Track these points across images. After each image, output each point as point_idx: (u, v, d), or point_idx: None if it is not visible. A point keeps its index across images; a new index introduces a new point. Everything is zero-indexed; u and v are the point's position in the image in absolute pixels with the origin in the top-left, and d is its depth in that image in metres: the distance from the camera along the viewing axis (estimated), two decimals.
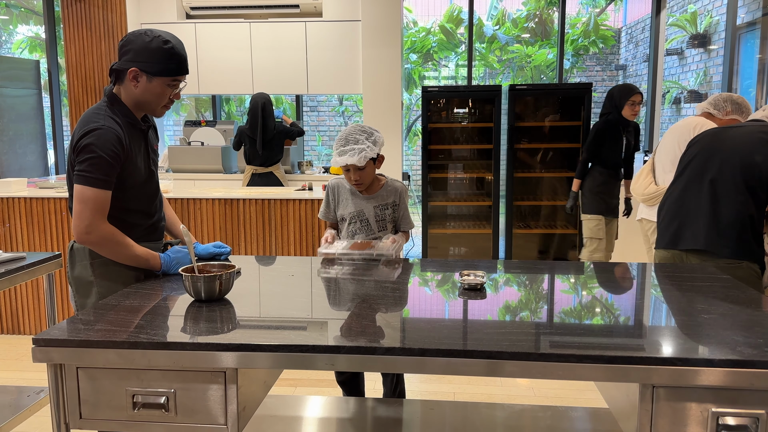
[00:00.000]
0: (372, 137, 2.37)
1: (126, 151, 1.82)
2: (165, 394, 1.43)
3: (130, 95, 1.86)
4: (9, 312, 3.96)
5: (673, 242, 2.48)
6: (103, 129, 1.77)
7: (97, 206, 1.77)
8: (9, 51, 9.57)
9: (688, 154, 2.57)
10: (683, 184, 2.53)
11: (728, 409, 1.30)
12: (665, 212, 2.59)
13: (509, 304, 1.73)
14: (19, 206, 3.81)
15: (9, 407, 2.47)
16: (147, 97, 1.86)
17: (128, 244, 1.85)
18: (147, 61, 1.80)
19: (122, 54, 1.84)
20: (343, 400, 2.24)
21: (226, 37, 5.39)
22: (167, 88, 1.86)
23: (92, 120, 1.79)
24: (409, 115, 9.41)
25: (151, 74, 1.82)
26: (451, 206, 5.58)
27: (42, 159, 5.92)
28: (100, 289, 1.88)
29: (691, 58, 7.81)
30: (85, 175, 1.75)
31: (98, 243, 1.81)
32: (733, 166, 2.35)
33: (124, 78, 1.84)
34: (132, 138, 1.86)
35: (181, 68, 1.87)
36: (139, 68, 1.81)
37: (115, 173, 1.80)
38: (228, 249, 2.13)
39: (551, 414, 2.10)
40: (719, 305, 1.65)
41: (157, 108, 1.91)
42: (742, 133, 2.44)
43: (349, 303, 1.74)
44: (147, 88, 1.84)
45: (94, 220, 1.77)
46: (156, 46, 1.80)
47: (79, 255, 1.90)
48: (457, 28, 9.36)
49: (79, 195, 1.76)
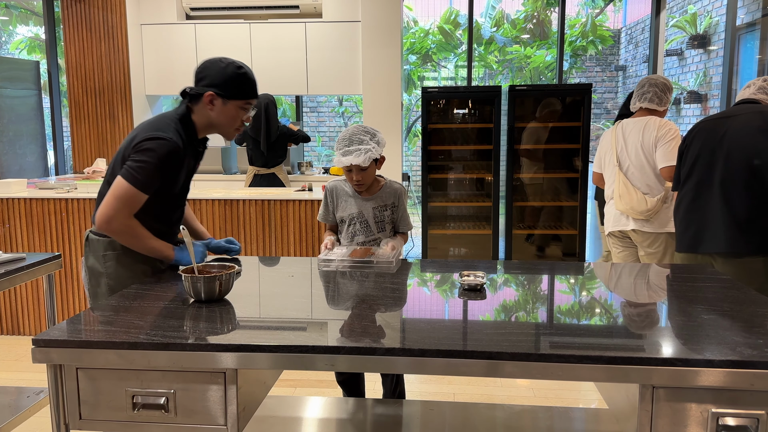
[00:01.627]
0: (375, 138, 2.37)
1: (175, 167, 1.94)
2: (165, 394, 1.43)
3: (205, 117, 1.99)
4: (9, 313, 3.95)
5: (692, 246, 2.49)
6: (167, 141, 1.88)
7: (129, 203, 1.87)
8: (8, 52, 9.57)
9: (690, 153, 2.56)
10: (693, 187, 2.52)
11: (728, 410, 1.30)
12: (681, 219, 2.59)
13: (509, 305, 1.73)
14: (18, 207, 3.81)
15: (8, 408, 2.47)
16: (221, 119, 1.99)
17: (145, 236, 1.94)
18: (223, 85, 1.93)
19: (198, 79, 1.97)
20: (342, 401, 2.24)
21: (226, 38, 5.39)
22: (240, 111, 2.00)
23: (162, 128, 1.91)
24: (408, 116, 9.42)
25: (226, 98, 1.95)
26: (451, 207, 5.58)
27: (42, 160, 5.92)
28: (109, 281, 1.97)
29: (690, 58, 7.81)
30: (132, 173, 1.86)
31: (116, 233, 1.91)
32: (738, 164, 2.35)
33: (200, 101, 1.96)
34: (186, 156, 1.99)
35: (253, 92, 2.01)
36: (215, 92, 1.93)
37: (158, 183, 1.91)
38: (238, 245, 2.26)
39: (551, 414, 2.10)
40: (719, 305, 1.65)
41: (230, 130, 2.04)
42: (740, 124, 2.43)
43: (349, 303, 1.74)
44: (222, 111, 1.97)
45: (119, 214, 1.87)
46: (231, 72, 1.94)
47: (93, 246, 1.99)
48: (455, 30, 9.36)
49: (118, 187, 1.87)
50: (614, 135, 3.22)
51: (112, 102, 5.39)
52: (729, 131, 2.47)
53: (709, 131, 2.53)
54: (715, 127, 2.54)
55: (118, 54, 5.33)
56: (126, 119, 5.40)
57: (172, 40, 5.44)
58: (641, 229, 3.11)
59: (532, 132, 5.13)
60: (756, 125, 2.40)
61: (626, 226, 3.18)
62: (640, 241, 3.16)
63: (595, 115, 9.46)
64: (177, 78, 5.48)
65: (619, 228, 3.22)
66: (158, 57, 5.48)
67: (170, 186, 1.97)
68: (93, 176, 4.79)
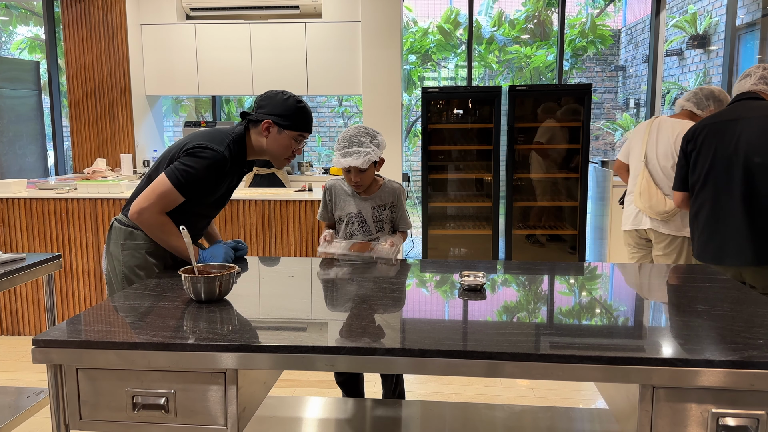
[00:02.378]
0: (375, 140, 2.37)
1: (217, 180, 2.03)
2: (165, 395, 1.43)
3: (258, 142, 2.08)
4: (9, 313, 3.95)
5: (718, 258, 2.45)
6: (218, 154, 1.97)
7: (165, 200, 1.96)
8: (8, 52, 9.57)
9: (702, 159, 2.52)
10: (712, 197, 2.48)
11: (728, 410, 1.30)
12: (702, 228, 2.55)
13: (509, 305, 1.73)
14: (18, 207, 3.81)
15: (9, 408, 2.47)
16: (274, 147, 2.07)
17: (173, 234, 2.01)
18: (281, 115, 2.04)
19: (259, 107, 2.07)
20: (342, 401, 2.24)
21: (226, 38, 5.39)
22: (293, 141, 2.09)
23: (217, 140, 2.01)
24: (408, 116, 9.41)
25: (282, 127, 2.04)
26: (451, 207, 5.58)
27: (42, 160, 5.92)
28: (124, 269, 2.05)
29: (690, 58, 7.81)
30: (176, 174, 1.95)
31: (145, 224, 1.98)
32: (761, 174, 2.32)
33: (258, 126, 2.06)
34: (230, 172, 2.07)
35: (308, 126, 2.11)
36: (272, 121, 2.03)
37: (197, 190, 1.99)
38: (245, 247, 2.32)
39: (551, 415, 2.10)
40: (719, 305, 1.65)
41: (281, 158, 2.12)
42: (755, 129, 2.39)
43: (348, 304, 1.74)
44: (276, 139, 2.06)
45: (153, 208, 1.95)
46: (291, 104, 2.05)
47: (115, 234, 2.08)
48: (455, 30, 9.36)
49: (159, 184, 1.96)
50: (648, 129, 3.14)
51: (112, 102, 5.39)
52: (743, 136, 2.42)
53: (720, 135, 2.48)
54: (725, 130, 2.48)
55: (118, 54, 5.33)
56: (126, 119, 5.41)
57: (172, 40, 5.44)
58: (657, 229, 3.06)
59: (544, 131, 5.12)
60: (766, 122, 2.37)
61: (643, 224, 3.13)
62: (655, 241, 3.12)
63: (595, 115, 9.45)
64: (177, 78, 5.48)
65: (636, 227, 3.17)
66: (158, 57, 5.48)
67: (206, 197, 2.06)
68: (93, 176, 4.79)
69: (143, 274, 2.04)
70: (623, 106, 9.53)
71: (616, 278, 2.07)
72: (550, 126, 5.16)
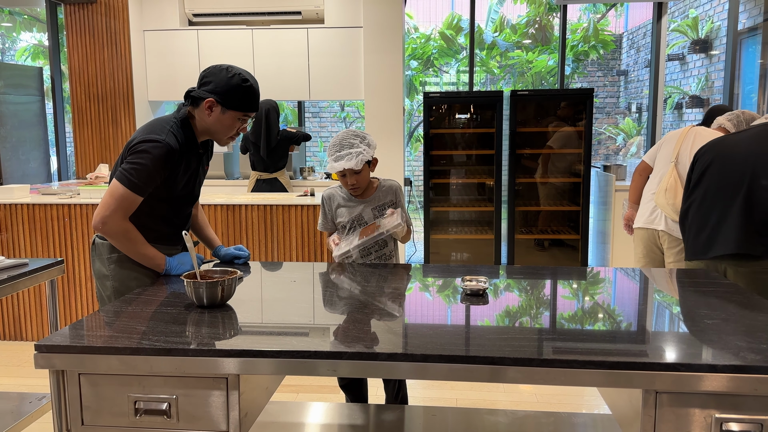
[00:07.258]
0: (365, 140, 2.37)
1: (172, 169, 1.95)
2: (167, 400, 1.43)
3: (202, 121, 2.00)
4: (11, 318, 3.96)
5: (703, 252, 2.46)
6: (161, 144, 1.89)
7: (124, 205, 1.89)
8: (12, 58, 9.61)
9: (701, 164, 2.56)
10: (703, 194, 2.50)
11: (732, 415, 1.30)
12: (690, 224, 2.56)
13: (511, 310, 1.72)
14: (21, 213, 3.82)
15: (11, 414, 2.47)
16: (217, 126, 2.00)
17: (138, 242, 1.96)
18: (224, 94, 1.94)
19: (202, 84, 1.98)
20: (345, 407, 2.24)
21: (229, 44, 5.41)
22: (237, 121, 2.01)
23: (157, 131, 1.93)
24: (410, 121, 9.42)
25: (225, 107, 1.96)
26: (453, 212, 5.58)
27: (45, 165, 5.94)
28: (114, 283, 2.01)
29: (692, 63, 7.81)
30: (126, 175, 1.88)
31: (110, 235, 1.93)
32: (753, 172, 2.33)
33: (200, 105, 1.97)
34: (185, 158, 2.00)
35: (253, 106, 2.02)
36: (215, 99, 1.94)
37: (153, 184, 1.93)
38: (247, 253, 2.30)
39: (554, 420, 2.09)
40: (722, 310, 1.65)
41: (224, 138, 2.05)
42: (751, 134, 2.45)
43: (351, 308, 1.74)
44: (219, 119, 1.98)
45: (114, 215, 1.89)
46: (236, 83, 1.94)
47: (98, 250, 2.04)
48: (457, 35, 9.38)
49: (113, 189, 1.90)
50: (684, 134, 3.17)
51: (114, 108, 5.41)
52: (740, 139, 2.48)
53: (724, 145, 2.53)
54: (730, 138, 2.55)
55: (120, 60, 5.35)
56: (129, 125, 5.42)
57: (174, 46, 5.46)
58: (671, 233, 3.06)
59: (546, 136, 5.13)
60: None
61: (656, 225, 3.12)
62: (668, 246, 3.10)
63: (596, 119, 9.45)
64: (180, 84, 5.49)
65: (648, 225, 3.17)
66: (161, 63, 5.50)
67: (170, 188, 1.99)
68: (96, 182, 4.80)
69: (134, 284, 1.99)
70: (625, 110, 9.53)
71: (618, 283, 2.07)
72: (552, 131, 5.16)
